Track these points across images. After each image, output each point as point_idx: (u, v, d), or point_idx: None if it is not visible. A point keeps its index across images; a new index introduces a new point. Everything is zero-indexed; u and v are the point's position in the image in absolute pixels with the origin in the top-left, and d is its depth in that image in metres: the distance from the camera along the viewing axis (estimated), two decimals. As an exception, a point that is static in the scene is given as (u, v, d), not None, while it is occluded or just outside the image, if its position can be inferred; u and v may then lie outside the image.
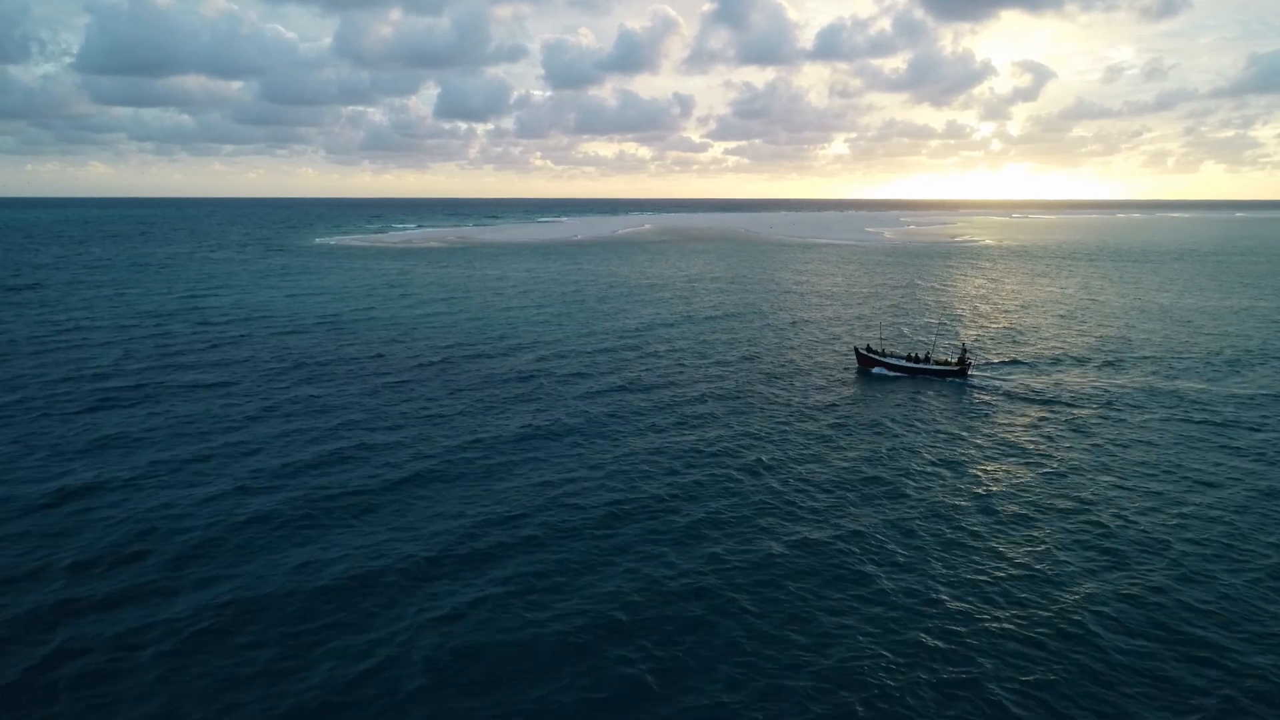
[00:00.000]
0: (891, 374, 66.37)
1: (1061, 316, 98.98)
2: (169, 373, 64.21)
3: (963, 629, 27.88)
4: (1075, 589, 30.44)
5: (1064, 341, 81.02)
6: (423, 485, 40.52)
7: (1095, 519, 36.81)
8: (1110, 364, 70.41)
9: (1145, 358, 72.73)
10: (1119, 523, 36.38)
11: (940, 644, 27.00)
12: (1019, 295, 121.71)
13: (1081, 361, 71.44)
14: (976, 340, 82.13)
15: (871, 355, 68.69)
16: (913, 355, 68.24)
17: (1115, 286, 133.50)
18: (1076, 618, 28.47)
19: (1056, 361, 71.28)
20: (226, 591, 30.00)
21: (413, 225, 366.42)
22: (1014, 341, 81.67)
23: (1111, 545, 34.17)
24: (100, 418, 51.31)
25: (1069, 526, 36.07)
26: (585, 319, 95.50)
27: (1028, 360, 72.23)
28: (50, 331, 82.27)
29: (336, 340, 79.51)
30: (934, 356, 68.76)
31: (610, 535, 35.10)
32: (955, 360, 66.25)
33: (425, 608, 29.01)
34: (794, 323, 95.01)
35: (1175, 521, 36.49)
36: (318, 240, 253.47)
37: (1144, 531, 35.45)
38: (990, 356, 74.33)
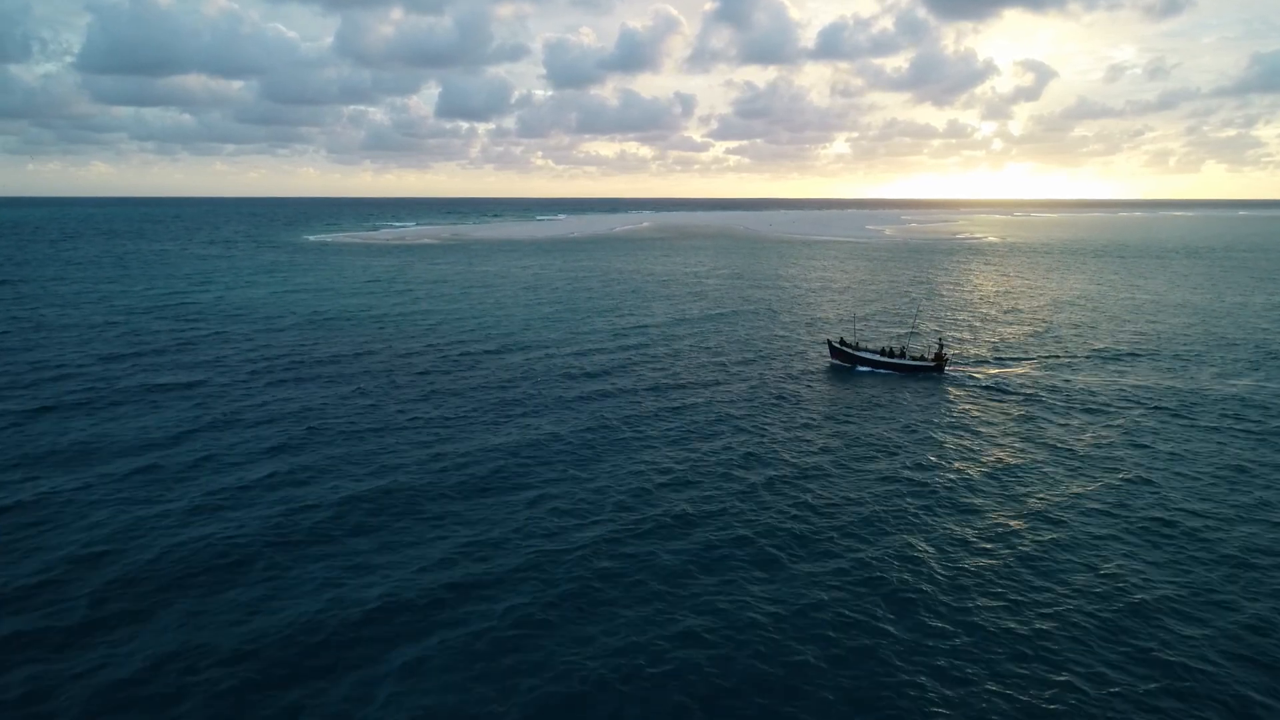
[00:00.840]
0: (866, 369, 64.11)
1: (1064, 313, 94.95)
2: (132, 374, 60.11)
3: (1016, 682, 23.83)
4: (1141, 615, 26.42)
5: (1070, 339, 76.93)
6: (387, 504, 36.36)
7: (1124, 529, 32.82)
8: (1118, 360, 66.59)
9: (1157, 354, 68.73)
10: (1163, 530, 32.36)
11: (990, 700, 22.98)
12: (1020, 291, 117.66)
13: (1087, 360, 67.49)
14: (995, 337, 78.15)
15: (845, 349, 66.09)
16: (887, 349, 65.46)
17: (1125, 283, 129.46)
18: (1160, 655, 24.44)
19: (1069, 358, 67.21)
20: (153, 634, 25.89)
21: (410, 224, 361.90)
22: (1012, 337, 77.67)
23: (1158, 557, 30.17)
24: (45, 424, 47.12)
25: (1102, 544, 32.06)
26: (572, 317, 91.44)
27: (1034, 356, 68.69)
28: (13, 328, 78.17)
29: (315, 339, 75.45)
30: (909, 351, 66.16)
31: (597, 562, 31.03)
32: (931, 355, 63.65)
33: (377, 658, 24.94)
34: (783, 319, 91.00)
35: (1234, 531, 32.46)
36: (309, 237, 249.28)
37: (1203, 543, 31.44)
38: (983, 352, 70.97)
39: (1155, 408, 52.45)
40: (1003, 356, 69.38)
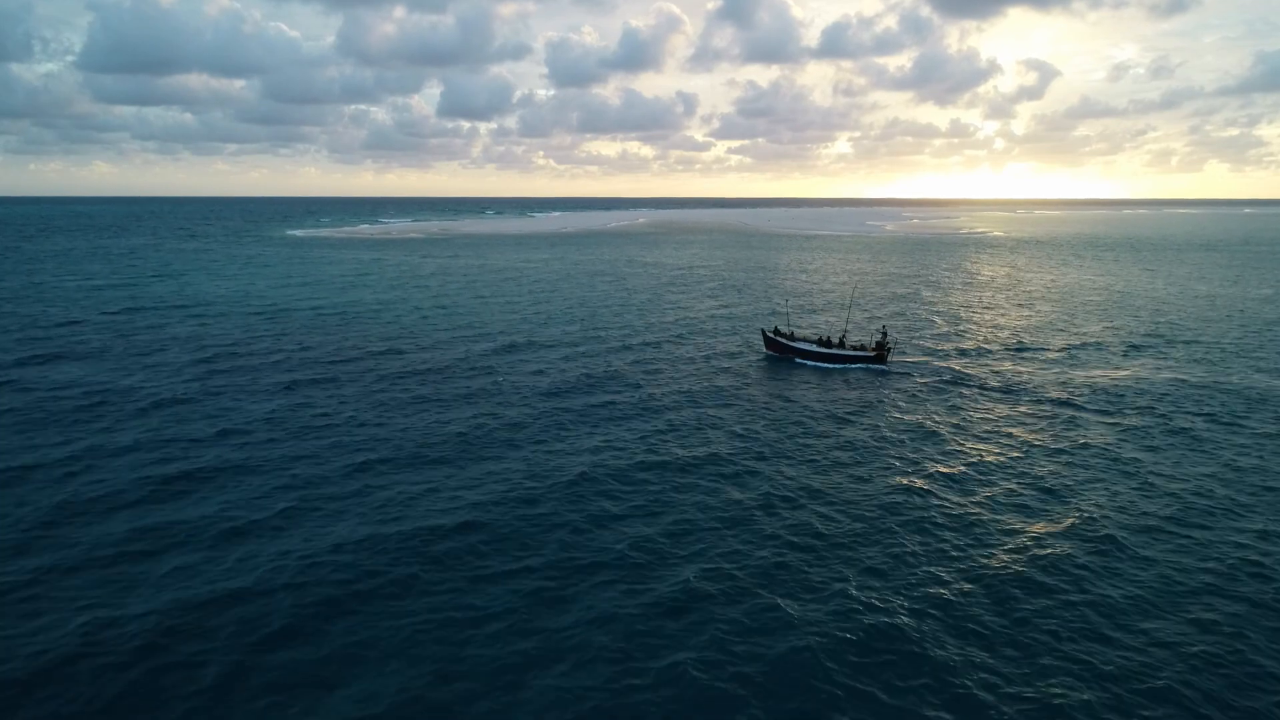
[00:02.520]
0: (803, 361, 59.09)
1: (1069, 305, 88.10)
2: (39, 373, 53.41)
3: None
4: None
5: (1056, 332, 70.12)
6: (287, 531, 29.66)
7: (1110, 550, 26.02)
8: (1106, 353, 59.85)
9: (1150, 346, 61.95)
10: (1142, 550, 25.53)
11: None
12: (1010, 284, 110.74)
13: (1060, 354, 61.03)
14: (960, 330, 71.25)
15: (780, 339, 60.96)
16: (825, 339, 60.06)
17: (1147, 275, 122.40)
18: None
19: (1047, 354, 60.52)
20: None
21: (404, 219, 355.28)
22: (980, 330, 70.85)
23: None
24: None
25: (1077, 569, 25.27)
26: (541, 310, 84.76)
27: (1001, 350, 62.39)
28: (-72, 321, 71.48)
29: (257, 332, 68.69)
30: (849, 341, 60.65)
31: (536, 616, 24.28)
32: (872, 346, 58.26)
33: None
34: (742, 310, 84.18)
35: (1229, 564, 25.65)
36: (290, 232, 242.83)
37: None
38: (940, 344, 65.26)
39: (1108, 401, 45.64)
40: (962, 348, 63.68)
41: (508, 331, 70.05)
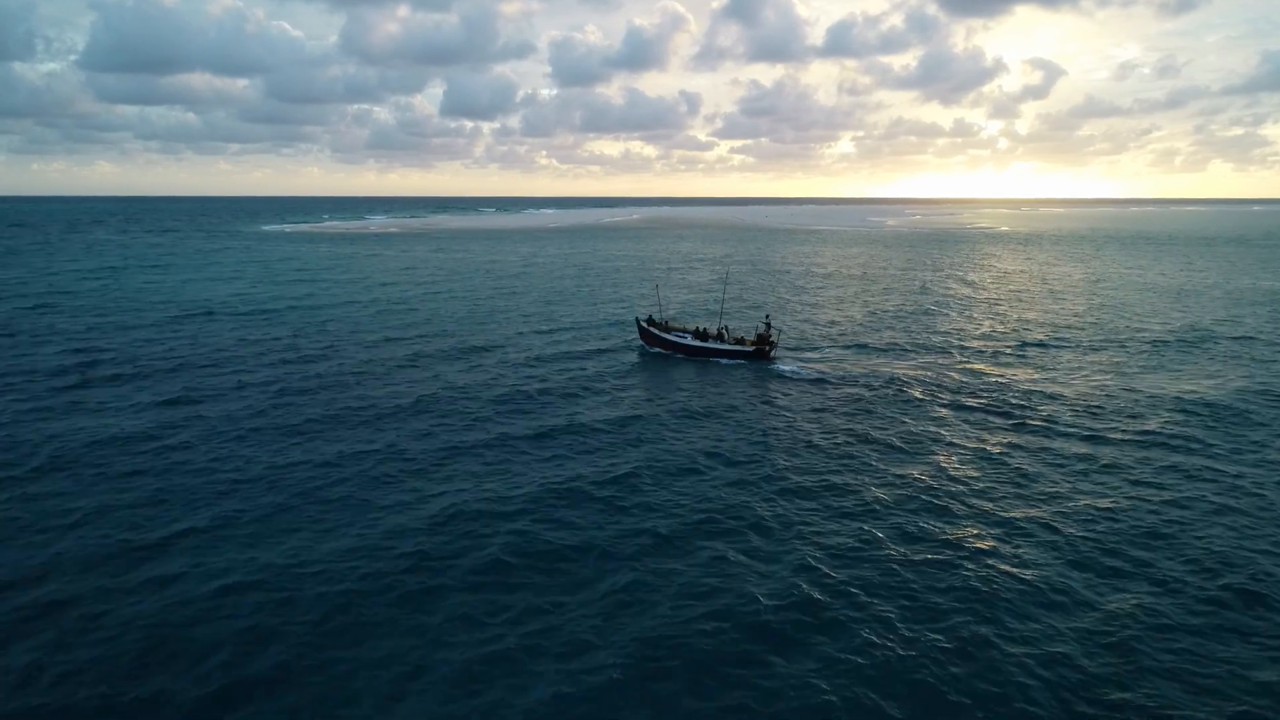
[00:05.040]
0: (676, 354, 53.23)
1: (1064, 302, 79.04)
2: None
3: None
4: None
5: (1028, 330, 61.04)
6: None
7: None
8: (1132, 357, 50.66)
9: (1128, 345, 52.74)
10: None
11: None
12: (1017, 279, 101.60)
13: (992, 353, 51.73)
14: (903, 325, 62.05)
15: (652, 329, 55.18)
16: (701, 330, 54.05)
17: (1180, 269, 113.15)
18: None
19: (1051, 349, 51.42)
20: None
21: (388, 216, 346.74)
22: (934, 326, 61.68)
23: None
24: None
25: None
26: (485, 303, 75.96)
27: (927, 347, 53.71)
28: None
29: (165, 335, 59.79)
30: (730, 334, 54.09)
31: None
32: (752, 338, 52.03)
33: None
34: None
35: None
36: (263, 227, 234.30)
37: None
38: (857, 339, 57.52)
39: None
40: (893, 346, 56.03)
41: (423, 330, 61.28)
